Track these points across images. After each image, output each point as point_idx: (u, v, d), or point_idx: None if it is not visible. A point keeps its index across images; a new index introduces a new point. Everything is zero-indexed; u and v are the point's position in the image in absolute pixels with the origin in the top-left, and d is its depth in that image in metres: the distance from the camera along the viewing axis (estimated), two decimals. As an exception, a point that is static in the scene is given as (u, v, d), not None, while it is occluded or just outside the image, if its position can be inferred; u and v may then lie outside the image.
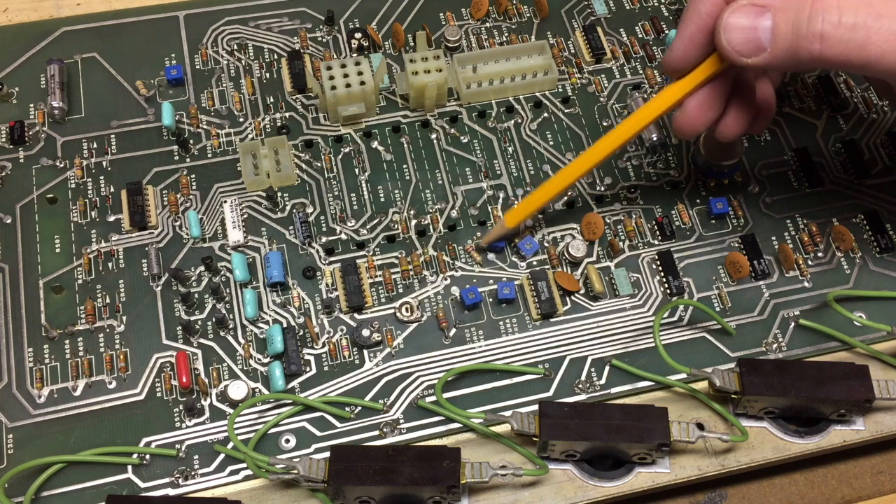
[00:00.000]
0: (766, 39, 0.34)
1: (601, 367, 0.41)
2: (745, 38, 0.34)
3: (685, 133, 0.39)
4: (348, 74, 0.45)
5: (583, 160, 0.40)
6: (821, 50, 0.33)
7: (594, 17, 0.51)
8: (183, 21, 0.49)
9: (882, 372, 0.41)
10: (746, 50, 0.34)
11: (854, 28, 0.32)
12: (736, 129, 0.40)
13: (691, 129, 0.39)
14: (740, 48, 0.35)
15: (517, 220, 0.42)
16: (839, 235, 0.43)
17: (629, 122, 0.39)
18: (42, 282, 0.42)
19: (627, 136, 0.39)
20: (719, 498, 0.41)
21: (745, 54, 0.35)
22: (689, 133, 0.39)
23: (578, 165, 0.41)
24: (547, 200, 0.42)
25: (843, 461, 0.42)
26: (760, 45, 0.34)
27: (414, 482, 0.35)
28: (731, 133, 0.40)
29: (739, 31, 0.34)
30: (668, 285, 0.43)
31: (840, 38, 0.33)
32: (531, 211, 0.42)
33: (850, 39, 0.33)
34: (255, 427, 0.39)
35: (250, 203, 0.44)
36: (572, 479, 0.38)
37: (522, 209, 0.42)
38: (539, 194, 0.41)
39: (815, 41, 0.33)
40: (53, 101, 0.45)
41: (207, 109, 0.47)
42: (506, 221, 0.42)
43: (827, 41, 0.33)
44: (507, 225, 0.42)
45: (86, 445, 0.38)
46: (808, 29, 0.33)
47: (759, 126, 0.41)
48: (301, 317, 0.41)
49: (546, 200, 0.42)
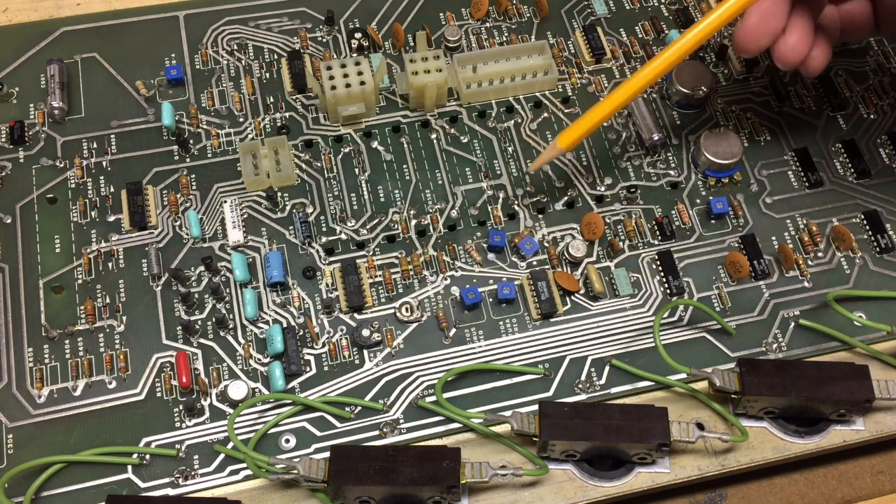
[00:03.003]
0: None
1: (601, 367, 0.41)
2: None
3: (748, 48, 0.36)
4: (348, 74, 0.45)
5: (639, 77, 0.39)
6: None
7: (594, 17, 0.51)
8: (183, 21, 0.49)
9: (882, 372, 0.41)
10: None
11: None
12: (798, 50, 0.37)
13: (755, 41, 0.36)
14: None
15: (570, 141, 0.41)
16: (839, 235, 0.43)
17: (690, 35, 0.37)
18: (42, 282, 0.42)
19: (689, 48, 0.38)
20: (719, 498, 0.41)
21: None
22: (752, 48, 0.36)
23: (636, 82, 0.39)
24: (602, 119, 0.40)
25: (843, 461, 0.42)
26: None
27: (414, 482, 0.35)
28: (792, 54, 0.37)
29: None
30: (668, 285, 0.43)
31: None
32: (585, 131, 0.40)
33: None
34: (255, 427, 0.39)
35: (250, 203, 0.44)
36: (572, 479, 0.38)
37: (576, 130, 0.40)
38: (593, 113, 0.40)
39: None
40: (53, 101, 0.45)
41: (207, 109, 0.47)
42: (558, 142, 0.41)
43: None
44: (559, 146, 0.41)
45: (86, 445, 0.38)
46: None
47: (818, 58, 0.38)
48: (301, 317, 0.41)
49: (601, 119, 0.40)
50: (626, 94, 0.40)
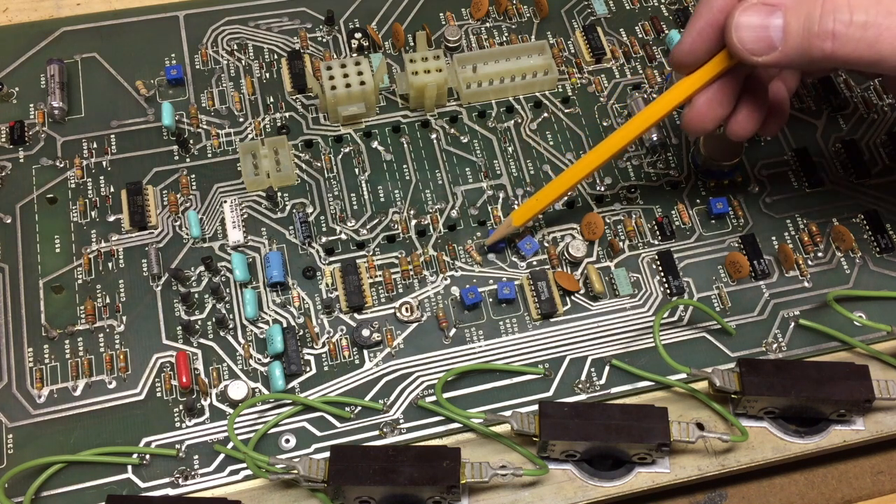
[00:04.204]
0: (777, 38, 0.34)
1: (601, 367, 0.41)
2: (756, 36, 0.34)
3: (694, 130, 0.38)
4: (348, 74, 0.45)
5: (589, 158, 0.40)
6: (832, 48, 0.33)
7: (594, 17, 0.51)
8: (183, 21, 0.49)
9: (882, 372, 0.41)
10: (757, 48, 0.34)
11: (865, 26, 0.32)
12: (747, 128, 0.39)
13: (700, 125, 0.38)
14: (751, 46, 0.34)
15: (523, 220, 0.42)
16: (839, 235, 0.43)
17: (637, 119, 0.39)
18: (42, 282, 0.42)
19: (635, 133, 0.39)
20: (719, 498, 0.41)
21: (755, 53, 0.35)
22: (698, 130, 0.38)
23: (585, 164, 0.40)
24: (553, 200, 0.42)
25: (843, 461, 0.42)
26: (771, 43, 0.34)
27: (414, 482, 0.35)
28: (742, 131, 0.39)
29: (750, 30, 0.34)
30: (668, 285, 0.43)
31: (851, 37, 0.33)
32: (537, 210, 0.42)
33: (861, 37, 0.33)
34: (255, 427, 0.39)
35: (250, 203, 0.44)
36: (572, 479, 0.38)
37: (528, 208, 0.42)
38: (545, 193, 0.41)
39: (827, 39, 0.33)
40: (53, 101, 0.45)
41: (207, 109, 0.47)
42: (512, 221, 0.42)
43: (839, 39, 0.33)
44: (513, 224, 0.42)
45: (86, 445, 0.38)
46: (819, 27, 0.33)
47: (772, 127, 0.41)
48: (301, 317, 0.41)
49: (552, 200, 0.42)
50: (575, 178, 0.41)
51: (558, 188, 0.41)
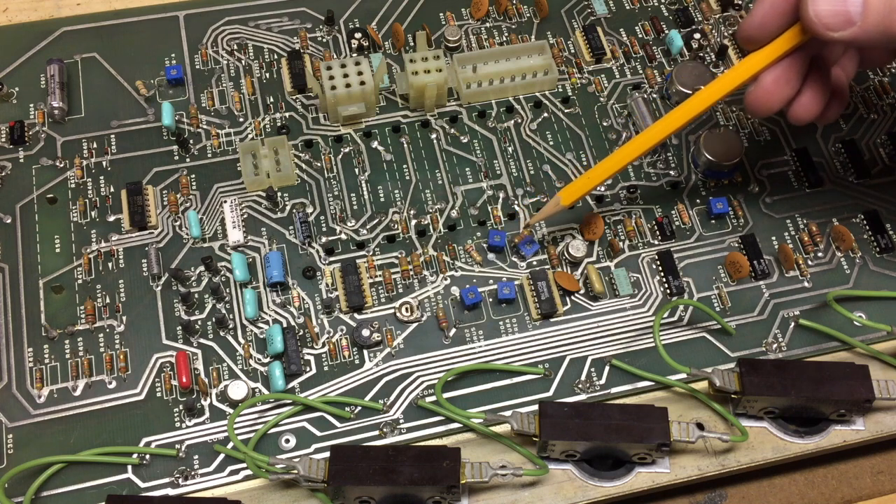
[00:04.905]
0: (855, 13, 0.32)
1: (601, 367, 0.41)
2: (834, 10, 0.32)
3: (759, 109, 0.37)
4: (348, 74, 0.45)
5: (646, 137, 0.39)
6: None
7: (594, 17, 0.51)
8: (183, 21, 0.49)
9: (882, 372, 0.41)
10: (834, 23, 0.33)
11: None
12: (811, 111, 0.37)
13: (767, 105, 0.36)
14: (828, 21, 0.33)
15: (572, 199, 0.41)
16: (839, 235, 0.43)
17: (700, 95, 0.38)
18: (42, 282, 0.42)
19: (696, 111, 0.38)
20: (719, 498, 0.41)
21: (832, 28, 0.33)
22: (763, 109, 0.37)
23: (641, 142, 0.39)
24: (604, 178, 0.40)
25: (843, 461, 0.42)
26: (850, 18, 0.32)
27: (414, 482, 0.35)
28: (806, 114, 0.37)
29: (828, 3, 0.32)
30: (668, 285, 0.43)
31: None
32: (588, 189, 0.41)
33: None
34: (255, 427, 0.39)
35: (250, 203, 0.44)
36: (572, 479, 0.38)
37: (579, 187, 0.41)
38: (597, 172, 0.40)
39: None
40: (53, 101, 0.45)
41: (207, 109, 0.47)
42: (561, 199, 0.41)
43: None
44: (561, 203, 0.41)
45: (86, 445, 0.38)
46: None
47: (833, 113, 0.39)
48: (301, 317, 0.41)
49: (603, 178, 0.40)
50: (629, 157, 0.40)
51: (612, 166, 0.40)
